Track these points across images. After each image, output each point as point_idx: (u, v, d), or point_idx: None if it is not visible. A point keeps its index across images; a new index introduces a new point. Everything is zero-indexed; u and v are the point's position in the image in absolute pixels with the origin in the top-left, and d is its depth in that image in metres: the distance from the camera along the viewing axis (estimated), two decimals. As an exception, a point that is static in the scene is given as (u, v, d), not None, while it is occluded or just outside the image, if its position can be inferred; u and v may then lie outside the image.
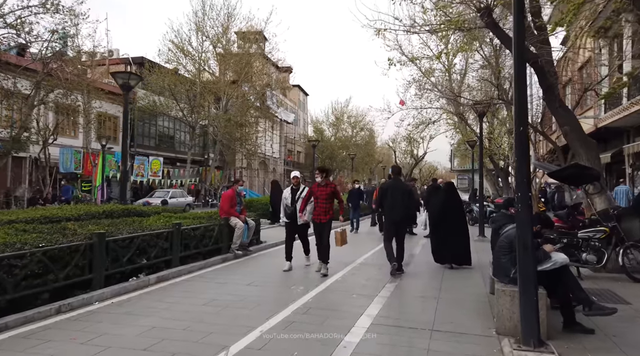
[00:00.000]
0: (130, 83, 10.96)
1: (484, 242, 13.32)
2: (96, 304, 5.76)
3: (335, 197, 8.21)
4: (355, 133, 54.02)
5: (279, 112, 46.04)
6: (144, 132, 31.68)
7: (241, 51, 32.02)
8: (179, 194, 25.52)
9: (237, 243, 9.33)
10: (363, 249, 11.51)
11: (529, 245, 4.33)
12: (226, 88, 30.97)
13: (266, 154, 46.08)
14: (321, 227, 8.13)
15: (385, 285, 7.27)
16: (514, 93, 4.52)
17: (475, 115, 23.94)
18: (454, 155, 38.45)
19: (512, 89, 16.23)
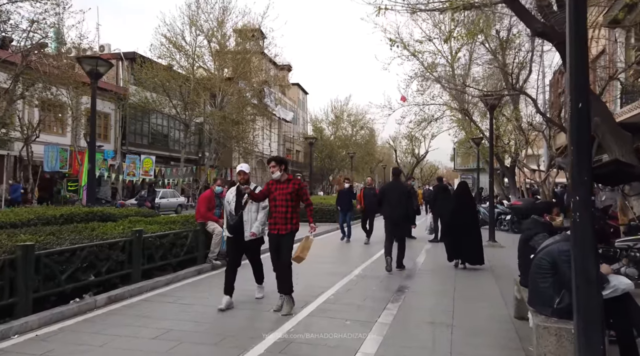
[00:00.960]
0: (99, 70, 9.62)
1: (494, 247, 12.00)
2: (14, 338, 4.44)
3: (302, 199, 5.80)
4: (355, 132, 52.69)
5: (277, 110, 44.72)
6: (136, 130, 30.37)
7: (237, 47, 30.72)
8: (169, 194, 24.22)
9: (215, 251, 8.01)
10: (359, 258, 10.16)
11: (593, 272, 2.99)
12: (221, 84, 29.65)
13: (264, 153, 44.74)
14: (279, 242, 5.66)
15: (387, 306, 5.95)
16: (569, 56, 3.20)
17: (481, 111, 22.73)
18: (456, 153, 37.03)
19: (522, 79, 14.94)
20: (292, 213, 5.63)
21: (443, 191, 12.90)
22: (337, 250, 11.60)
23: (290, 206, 5.62)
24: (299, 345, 4.44)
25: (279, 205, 5.62)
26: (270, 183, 5.78)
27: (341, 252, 11.40)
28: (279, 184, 5.70)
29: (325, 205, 16.79)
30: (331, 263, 9.51)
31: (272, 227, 5.70)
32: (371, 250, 11.19)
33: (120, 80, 29.51)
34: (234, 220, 5.89)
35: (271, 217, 5.72)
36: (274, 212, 5.68)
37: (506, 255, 10.60)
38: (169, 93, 27.67)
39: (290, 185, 5.67)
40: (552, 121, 11.51)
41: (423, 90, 24.89)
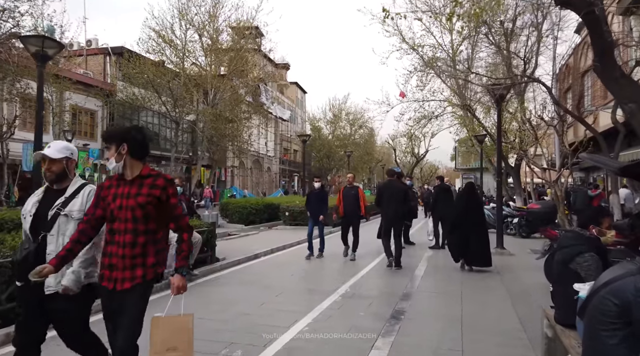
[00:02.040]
0: (47, 51, 8.16)
1: (503, 255, 10.56)
2: None
3: (173, 217, 2.90)
4: (354, 131, 51.22)
5: (273, 108, 43.30)
6: (125, 128, 28.88)
7: (231, 42, 29.29)
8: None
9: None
10: (344, 274, 8.47)
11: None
12: (213, 81, 28.24)
13: (260, 152, 43.34)
14: (119, 305, 2.76)
15: (377, 341, 4.54)
16: None
17: (485, 106, 21.28)
18: (458, 152, 35.58)
19: (531, 67, 13.52)
20: (147, 246, 2.81)
21: (444, 192, 11.48)
22: (315, 264, 10.14)
23: (142, 231, 2.79)
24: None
25: (118, 228, 2.79)
26: (104, 185, 2.93)
27: (322, 267, 9.80)
28: (120, 186, 2.86)
29: None
30: (310, 279, 8.11)
31: (105, 274, 2.82)
32: (359, 263, 9.73)
33: (108, 75, 28.09)
34: (26, 251, 2.96)
35: (104, 253, 2.87)
36: (108, 243, 2.85)
37: (518, 265, 9.17)
38: (157, 90, 26.24)
39: (145, 188, 2.81)
40: (570, 113, 10.03)
41: (423, 85, 23.49)
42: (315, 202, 10.06)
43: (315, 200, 10.11)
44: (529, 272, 8.34)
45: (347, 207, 9.85)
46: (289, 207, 14.58)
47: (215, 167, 34.57)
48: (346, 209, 9.88)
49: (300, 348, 4.39)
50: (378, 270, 8.64)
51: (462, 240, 8.49)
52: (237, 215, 14.89)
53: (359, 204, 9.84)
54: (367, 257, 9.96)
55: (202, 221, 8.01)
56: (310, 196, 10.48)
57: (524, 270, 8.69)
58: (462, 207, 8.85)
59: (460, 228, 8.52)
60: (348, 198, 9.89)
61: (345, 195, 9.98)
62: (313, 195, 10.40)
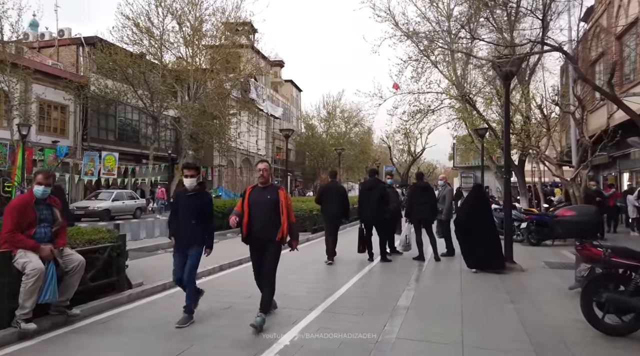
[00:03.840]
0: None
1: (513, 271, 8.26)
2: None
3: None
4: (349, 129, 49.00)
5: (264, 105, 41.03)
6: (100, 124, 26.62)
7: (215, 33, 27.03)
8: (126, 196, 20.55)
9: (26, 307, 4.29)
10: (333, 281, 6.79)
11: None
12: (196, 74, 25.99)
13: (250, 151, 41.09)
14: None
15: None
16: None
17: (487, 95, 19.00)
18: (456, 149, 33.32)
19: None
20: None
21: (422, 191, 9.37)
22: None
23: None
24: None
25: None
26: None
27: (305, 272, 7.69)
28: None
29: (295, 210, 12.93)
30: (299, 287, 5.88)
31: None
32: (348, 271, 7.50)
33: (81, 67, 25.84)
34: None
35: None
36: None
37: (535, 288, 6.89)
38: (132, 82, 23.98)
39: None
40: (603, 91, 7.71)
41: (418, 76, 21.24)
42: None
43: None
44: (553, 301, 6.09)
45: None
46: (259, 209, 12.36)
47: (200, 165, 32.28)
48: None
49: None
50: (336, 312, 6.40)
51: (469, 246, 8.18)
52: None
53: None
54: (350, 265, 7.71)
55: (111, 233, 5.74)
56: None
57: (544, 295, 6.44)
58: (469, 209, 8.50)
59: (468, 232, 8.16)
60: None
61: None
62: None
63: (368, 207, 9.03)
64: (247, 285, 6.56)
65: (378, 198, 8.90)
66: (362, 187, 9.71)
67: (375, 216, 8.98)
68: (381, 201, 8.89)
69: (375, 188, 9.06)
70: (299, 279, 7.32)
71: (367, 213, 9.11)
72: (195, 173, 5.15)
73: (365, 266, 8.59)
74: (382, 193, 8.96)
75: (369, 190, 9.14)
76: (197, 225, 5.03)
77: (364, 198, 9.20)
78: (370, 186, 9.17)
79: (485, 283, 7.18)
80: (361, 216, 9.30)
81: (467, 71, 20.97)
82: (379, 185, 9.17)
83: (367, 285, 6.97)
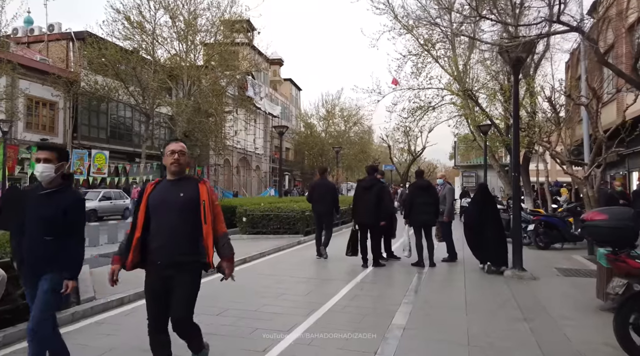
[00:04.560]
0: None
1: (522, 280, 7.37)
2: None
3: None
4: (349, 128, 48.09)
5: (262, 103, 40.13)
6: (92, 122, 25.74)
7: (210, 28, 26.15)
8: (115, 195, 19.67)
9: None
10: (320, 292, 5.83)
11: None
12: (190, 71, 25.12)
13: (247, 150, 40.19)
14: None
15: None
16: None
17: (490, 90, 18.09)
18: (457, 147, 32.40)
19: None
20: None
21: (423, 191, 8.47)
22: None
23: None
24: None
25: None
26: None
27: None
28: None
29: (285, 210, 12.01)
30: (267, 307, 5.00)
31: None
32: (328, 288, 6.62)
33: (71, 63, 24.96)
34: None
35: None
36: None
37: (552, 302, 5.96)
38: (122, 78, 23.10)
39: None
40: (628, 78, 6.76)
41: (418, 71, 20.33)
42: None
43: None
44: (573, 319, 5.19)
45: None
46: (247, 210, 11.39)
47: (194, 165, 31.43)
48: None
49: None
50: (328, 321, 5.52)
51: (477, 244, 8.12)
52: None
53: None
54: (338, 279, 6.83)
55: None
56: None
57: (562, 310, 5.54)
58: (477, 208, 8.25)
59: (476, 231, 8.08)
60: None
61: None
62: None
63: (363, 208, 8.17)
64: (215, 298, 5.71)
65: (375, 198, 8.05)
66: (358, 185, 8.82)
67: (371, 218, 8.13)
68: (379, 202, 8.04)
69: (373, 187, 8.19)
70: (281, 290, 6.43)
71: (362, 215, 8.24)
72: (52, 157, 3.09)
73: (359, 273, 7.71)
74: (380, 193, 8.09)
75: (365, 189, 8.26)
76: (53, 242, 3.04)
77: (359, 197, 8.33)
78: (368, 185, 8.29)
79: (493, 296, 6.29)
80: (355, 217, 8.41)
81: (470, 66, 20.09)
82: (378, 184, 8.28)
83: (358, 298, 6.09)
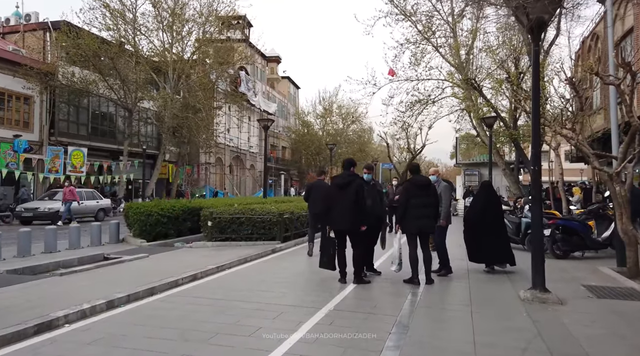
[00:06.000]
0: None
1: (546, 304, 5.57)
2: None
3: None
4: (347, 127, 46.33)
5: (256, 100, 38.39)
6: (70, 117, 24.02)
7: (198, 18, 24.46)
8: (87, 195, 17.96)
9: None
10: (280, 324, 4.27)
11: None
12: (175, 63, 23.45)
13: (241, 148, 38.46)
14: None
15: None
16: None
17: (496, 79, 16.24)
18: (458, 144, 30.60)
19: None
20: None
21: (421, 189, 6.70)
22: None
23: None
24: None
25: None
26: None
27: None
28: None
29: (259, 213, 10.12)
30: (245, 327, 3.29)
31: None
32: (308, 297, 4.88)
33: (48, 54, 23.26)
34: None
35: None
36: None
37: (593, 342, 4.19)
38: (101, 70, 21.41)
39: None
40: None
41: (417, 61, 18.55)
42: None
43: None
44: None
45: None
46: (213, 213, 9.58)
47: (183, 162, 29.73)
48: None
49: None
50: None
51: (479, 243, 7.66)
52: (138, 226, 9.93)
53: None
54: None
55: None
56: None
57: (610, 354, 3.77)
58: (480, 206, 7.92)
59: (477, 229, 7.68)
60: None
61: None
62: None
63: (338, 210, 6.43)
64: (158, 327, 3.98)
65: (353, 198, 6.32)
66: (332, 183, 7.07)
67: (348, 223, 6.41)
68: (357, 203, 6.32)
69: (350, 185, 6.44)
70: (220, 327, 4.64)
71: (337, 219, 6.49)
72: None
73: (334, 295, 5.95)
74: (358, 191, 6.36)
75: (340, 187, 6.51)
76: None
77: (333, 198, 6.59)
78: (343, 182, 6.53)
79: (511, 333, 4.51)
80: (330, 222, 6.66)
81: (473, 55, 18.34)
82: (356, 181, 6.51)
83: (331, 331, 4.36)
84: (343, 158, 40.46)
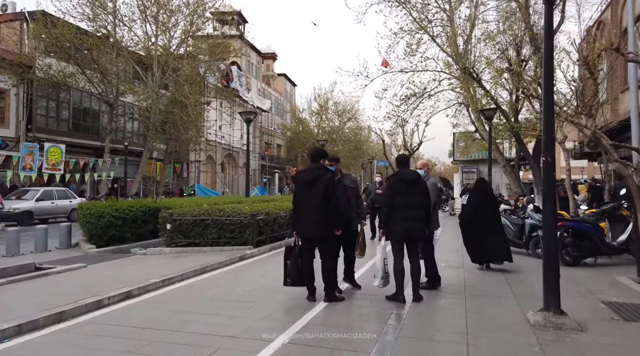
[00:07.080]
0: None
1: (562, 332, 4.31)
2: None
3: None
4: (343, 124, 45.00)
5: (249, 97, 37.09)
6: (49, 112, 22.72)
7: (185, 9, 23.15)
8: (59, 194, 16.68)
9: None
10: None
11: None
12: (160, 56, 22.14)
13: (233, 146, 37.19)
14: None
15: None
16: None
17: (498, 68, 14.94)
18: (456, 140, 29.31)
19: None
20: None
21: (409, 186, 5.42)
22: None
23: None
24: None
25: None
26: None
27: None
28: None
29: (228, 214, 8.80)
30: None
31: None
32: None
33: (25, 46, 21.96)
34: None
35: None
36: None
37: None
38: (78, 62, 20.12)
39: None
40: None
41: (412, 51, 17.26)
42: None
43: None
44: None
45: None
46: (173, 214, 8.29)
47: (170, 160, 28.44)
48: None
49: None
50: None
51: (477, 242, 7.36)
52: (87, 229, 8.63)
53: None
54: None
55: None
56: None
57: None
58: (476, 204, 7.55)
59: (474, 227, 7.36)
60: None
61: None
62: None
63: (305, 213, 5.21)
64: None
65: (321, 198, 5.08)
66: (296, 178, 5.81)
67: (318, 228, 5.16)
68: (326, 203, 5.08)
69: (319, 180, 5.18)
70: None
71: (303, 223, 5.26)
72: None
73: (298, 317, 4.72)
74: (327, 188, 5.11)
75: (306, 184, 5.25)
76: None
77: (299, 198, 5.34)
78: (310, 178, 5.27)
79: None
80: (295, 227, 5.41)
81: (471, 44, 17.08)
82: (325, 176, 5.23)
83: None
84: (340, 157, 38.83)
